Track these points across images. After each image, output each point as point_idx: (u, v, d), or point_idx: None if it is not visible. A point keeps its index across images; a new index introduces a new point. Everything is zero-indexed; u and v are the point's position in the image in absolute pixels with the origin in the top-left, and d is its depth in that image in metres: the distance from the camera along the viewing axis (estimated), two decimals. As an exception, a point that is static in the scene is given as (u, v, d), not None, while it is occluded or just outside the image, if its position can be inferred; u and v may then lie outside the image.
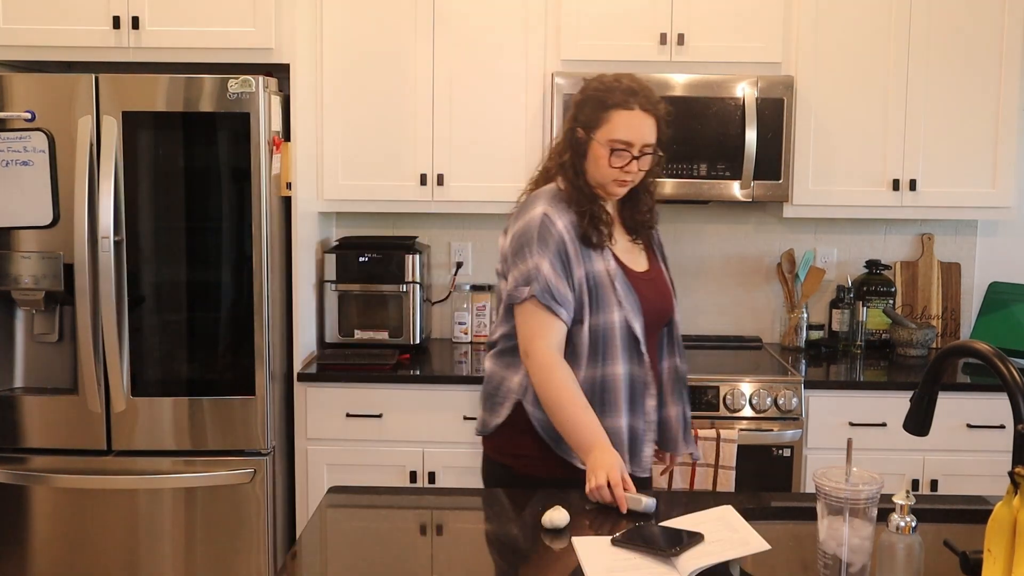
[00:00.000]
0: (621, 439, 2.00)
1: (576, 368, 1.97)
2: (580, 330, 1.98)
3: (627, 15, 3.18)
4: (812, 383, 3.02)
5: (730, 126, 3.11)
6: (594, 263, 1.99)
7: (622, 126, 1.97)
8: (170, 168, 2.89)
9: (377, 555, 1.63)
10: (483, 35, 3.20)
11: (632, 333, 2.00)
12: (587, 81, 2.06)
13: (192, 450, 2.90)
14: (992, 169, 3.23)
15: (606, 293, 1.98)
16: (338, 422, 3.04)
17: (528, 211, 2.03)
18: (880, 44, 3.19)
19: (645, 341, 2.02)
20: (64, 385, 2.92)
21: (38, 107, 2.80)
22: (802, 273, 3.49)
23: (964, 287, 3.60)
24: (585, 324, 1.98)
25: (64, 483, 2.90)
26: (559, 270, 1.96)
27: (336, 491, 1.94)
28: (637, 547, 1.54)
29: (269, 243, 2.89)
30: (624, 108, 1.97)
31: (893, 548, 1.38)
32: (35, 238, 2.85)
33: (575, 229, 1.99)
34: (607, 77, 2.03)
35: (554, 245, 1.96)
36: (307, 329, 3.19)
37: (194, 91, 2.81)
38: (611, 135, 1.97)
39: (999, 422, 2.99)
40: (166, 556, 2.92)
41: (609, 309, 1.98)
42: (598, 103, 1.99)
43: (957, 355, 1.52)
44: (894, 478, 2.94)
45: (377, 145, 3.25)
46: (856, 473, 1.42)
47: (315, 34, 3.18)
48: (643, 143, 1.98)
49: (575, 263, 1.97)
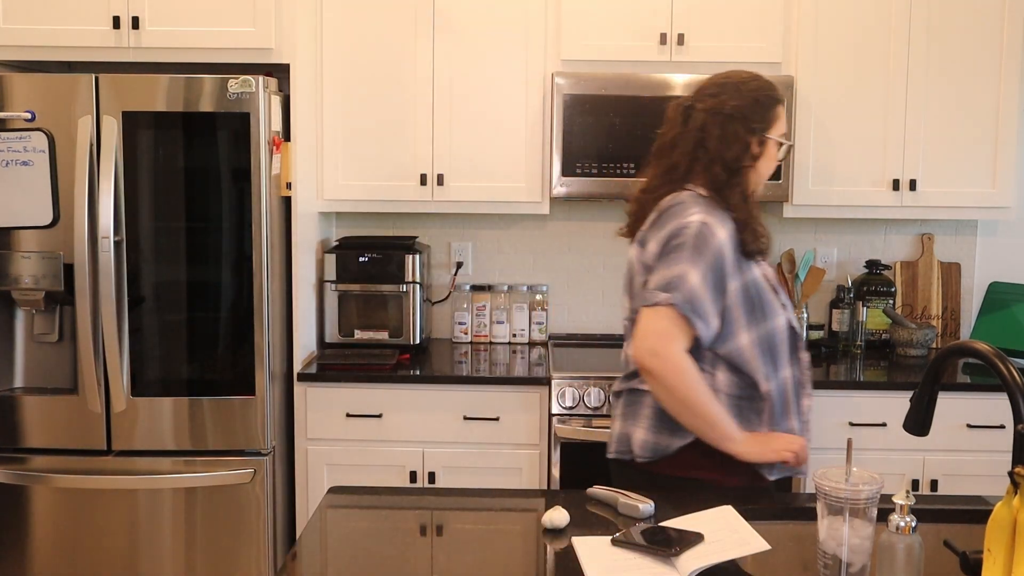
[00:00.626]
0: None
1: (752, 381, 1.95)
2: (741, 343, 1.94)
3: (627, 15, 3.18)
4: (812, 383, 3.01)
5: (730, 126, 3.11)
6: (752, 270, 1.97)
7: (782, 119, 2.04)
8: (170, 168, 2.89)
9: (377, 555, 1.63)
10: (483, 35, 3.20)
11: (795, 333, 2.03)
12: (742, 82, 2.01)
13: (192, 450, 2.90)
14: (992, 169, 3.24)
15: (769, 297, 1.98)
16: (338, 422, 3.04)
17: (680, 216, 1.93)
18: (880, 44, 3.19)
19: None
20: (64, 385, 2.92)
21: (38, 107, 2.80)
22: (802, 273, 3.49)
23: (964, 287, 3.60)
24: (748, 335, 1.94)
25: (64, 483, 2.90)
26: (710, 283, 1.88)
27: (336, 491, 1.94)
28: (637, 547, 1.54)
29: (269, 243, 2.89)
30: (783, 103, 2.05)
31: (893, 548, 1.37)
32: (35, 238, 2.85)
33: (734, 239, 1.93)
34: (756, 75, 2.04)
35: (711, 256, 1.89)
36: (307, 329, 3.19)
37: (194, 91, 2.81)
38: (781, 130, 2.04)
39: (999, 422, 2.99)
40: (166, 556, 2.92)
41: (775, 313, 1.98)
42: (769, 101, 2.01)
43: (957, 355, 1.52)
44: (894, 478, 2.95)
45: (377, 145, 3.25)
46: (856, 473, 1.42)
47: (315, 34, 3.18)
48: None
49: (731, 276, 1.92)
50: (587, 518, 1.76)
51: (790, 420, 2.01)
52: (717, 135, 1.97)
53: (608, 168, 3.13)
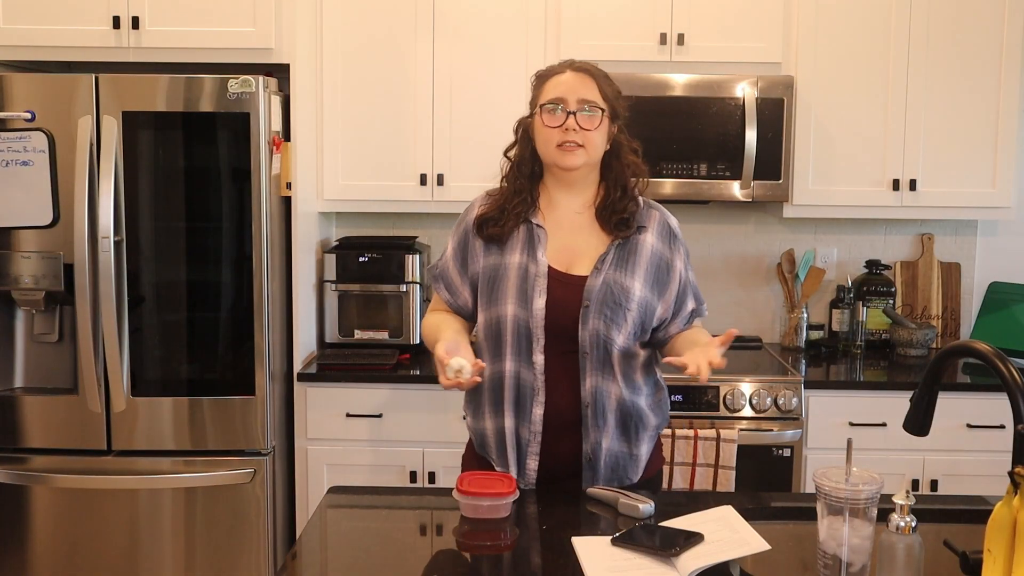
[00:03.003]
0: (508, 441, 1.93)
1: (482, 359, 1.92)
2: (479, 321, 1.99)
3: (627, 15, 3.18)
4: (812, 383, 3.02)
5: (730, 126, 3.11)
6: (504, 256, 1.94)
7: (552, 88, 1.95)
8: (170, 168, 2.89)
9: (377, 555, 1.63)
10: (483, 35, 3.20)
11: (530, 331, 1.89)
12: None
13: (192, 450, 2.90)
14: (992, 169, 3.23)
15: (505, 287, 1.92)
16: (338, 422, 3.04)
17: None
18: (880, 44, 3.19)
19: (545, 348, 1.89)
20: (64, 385, 2.92)
21: (38, 107, 2.80)
22: (802, 273, 3.49)
23: (964, 287, 3.60)
24: (482, 315, 1.97)
25: (64, 483, 2.90)
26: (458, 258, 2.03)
27: (336, 491, 1.94)
28: (637, 547, 1.54)
29: (269, 243, 2.89)
30: (556, 73, 1.97)
31: (893, 548, 1.38)
32: (35, 238, 2.85)
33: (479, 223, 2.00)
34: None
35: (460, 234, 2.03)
36: (307, 329, 3.19)
37: (194, 91, 2.81)
38: (544, 99, 1.95)
39: (999, 422, 2.99)
40: (166, 556, 2.92)
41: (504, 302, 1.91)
42: (536, 82, 2.01)
43: (957, 355, 1.52)
44: (894, 478, 2.94)
45: (377, 145, 3.25)
46: (856, 473, 1.42)
47: (315, 34, 3.18)
48: (577, 97, 1.92)
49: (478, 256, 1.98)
50: (587, 518, 1.76)
51: (502, 418, 1.93)
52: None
53: (608, 168, 3.13)
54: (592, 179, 2.00)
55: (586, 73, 1.96)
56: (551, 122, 1.92)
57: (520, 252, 1.94)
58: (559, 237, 1.96)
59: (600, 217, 1.98)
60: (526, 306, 1.89)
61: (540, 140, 1.96)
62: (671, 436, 2.85)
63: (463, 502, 1.72)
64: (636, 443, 1.95)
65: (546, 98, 1.94)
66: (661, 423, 2.03)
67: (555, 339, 1.90)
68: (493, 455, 1.98)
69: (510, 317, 1.90)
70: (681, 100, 3.10)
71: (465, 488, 1.73)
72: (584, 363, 1.89)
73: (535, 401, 1.90)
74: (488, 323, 1.95)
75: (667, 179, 3.12)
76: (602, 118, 1.94)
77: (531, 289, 1.90)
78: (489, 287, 1.94)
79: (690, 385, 2.96)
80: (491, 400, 1.96)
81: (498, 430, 1.95)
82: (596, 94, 1.95)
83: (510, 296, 1.91)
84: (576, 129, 1.90)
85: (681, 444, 2.85)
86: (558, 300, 1.90)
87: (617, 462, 1.94)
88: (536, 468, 1.92)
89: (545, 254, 1.93)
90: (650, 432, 1.99)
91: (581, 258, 1.95)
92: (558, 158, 1.93)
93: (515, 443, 1.93)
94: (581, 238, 1.97)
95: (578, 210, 1.99)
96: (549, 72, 1.99)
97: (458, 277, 2.02)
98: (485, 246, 1.97)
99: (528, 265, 1.92)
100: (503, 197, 2.00)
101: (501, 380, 1.93)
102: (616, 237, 1.95)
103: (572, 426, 1.92)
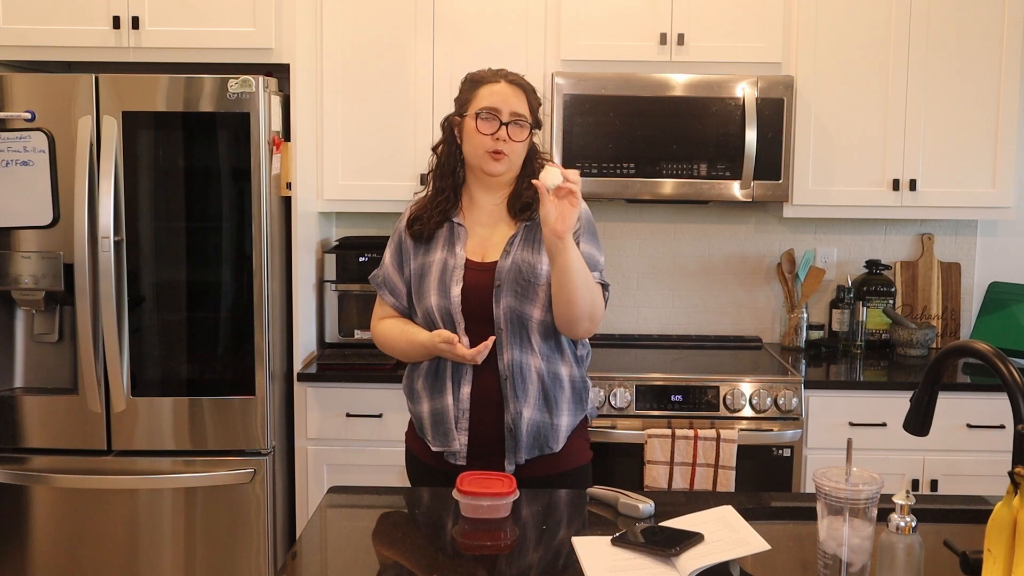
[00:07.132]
0: (441, 421, 2.08)
1: None
2: (416, 314, 2.13)
3: (627, 15, 3.18)
4: (812, 383, 3.02)
5: (730, 126, 3.11)
6: (429, 254, 2.10)
7: (487, 96, 2.07)
8: (170, 168, 2.89)
9: (377, 555, 1.63)
10: (483, 35, 3.20)
11: (451, 318, 2.05)
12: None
13: (192, 450, 2.90)
14: (992, 169, 3.24)
15: (429, 280, 2.07)
16: (338, 422, 3.04)
17: None
18: (880, 44, 3.19)
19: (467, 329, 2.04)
20: (64, 385, 2.92)
21: (38, 107, 2.80)
22: (802, 273, 3.49)
23: (964, 287, 3.60)
24: (417, 307, 2.11)
25: (64, 483, 2.90)
26: (395, 261, 2.16)
27: (336, 491, 1.94)
28: (637, 547, 1.54)
29: (269, 243, 2.89)
30: (491, 82, 2.09)
31: (893, 548, 1.38)
32: (35, 238, 2.85)
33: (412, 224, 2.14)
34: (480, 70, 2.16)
35: (395, 239, 2.17)
36: (307, 329, 3.19)
37: (194, 91, 2.81)
38: (478, 106, 2.07)
39: (999, 422, 2.99)
40: (166, 556, 2.92)
41: (428, 294, 2.07)
42: (469, 85, 2.13)
43: (957, 355, 1.52)
44: (894, 478, 2.95)
45: (377, 145, 3.25)
46: (856, 473, 1.42)
47: (315, 34, 3.18)
48: (511, 110, 2.06)
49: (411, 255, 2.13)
50: (587, 518, 1.76)
51: (445, 396, 2.07)
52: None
53: (608, 168, 3.13)
54: (509, 179, 2.14)
55: (519, 87, 2.11)
56: (485, 129, 2.05)
57: (442, 249, 2.10)
58: (477, 232, 2.12)
59: (510, 207, 2.13)
60: (446, 295, 2.05)
61: (471, 144, 2.09)
62: (671, 436, 2.85)
63: (463, 502, 1.74)
64: (556, 413, 2.07)
65: (480, 105, 2.07)
66: (583, 391, 2.15)
67: (475, 321, 2.05)
68: (429, 436, 2.12)
69: (435, 306, 2.06)
70: (681, 100, 3.10)
71: (465, 488, 1.74)
72: (501, 338, 2.04)
73: (464, 380, 2.06)
74: (421, 316, 2.11)
75: (667, 179, 3.13)
76: (530, 132, 2.10)
77: (449, 280, 2.06)
78: (417, 283, 2.11)
79: (690, 385, 2.97)
80: (427, 385, 2.11)
81: (432, 412, 2.09)
82: (526, 108, 2.10)
83: (433, 288, 2.07)
84: (506, 140, 2.05)
85: (681, 444, 2.85)
86: (473, 285, 2.05)
87: (539, 431, 2.06)
88: (466, 443, 2.06)
89: (464, 249, 2.09)
90: (569, 403, 2.10)
91: (495, 246, 2.10)
92: (486, 164, 2.07)
93: (447, 421, 2.07)
94: (496, 229, 2.12)
95: (496, 203, 2.15)
96: (482, 79, 2.12)
97: (399, 280, 2.17)
98: (415, 247, 2.13)
99: (447, 259, 2.08)
100: (427, 197, 2.17)
101: (436, 365, 2.08)
102: (521, 221, 2.10)
103: (496, 400, 2.06)
